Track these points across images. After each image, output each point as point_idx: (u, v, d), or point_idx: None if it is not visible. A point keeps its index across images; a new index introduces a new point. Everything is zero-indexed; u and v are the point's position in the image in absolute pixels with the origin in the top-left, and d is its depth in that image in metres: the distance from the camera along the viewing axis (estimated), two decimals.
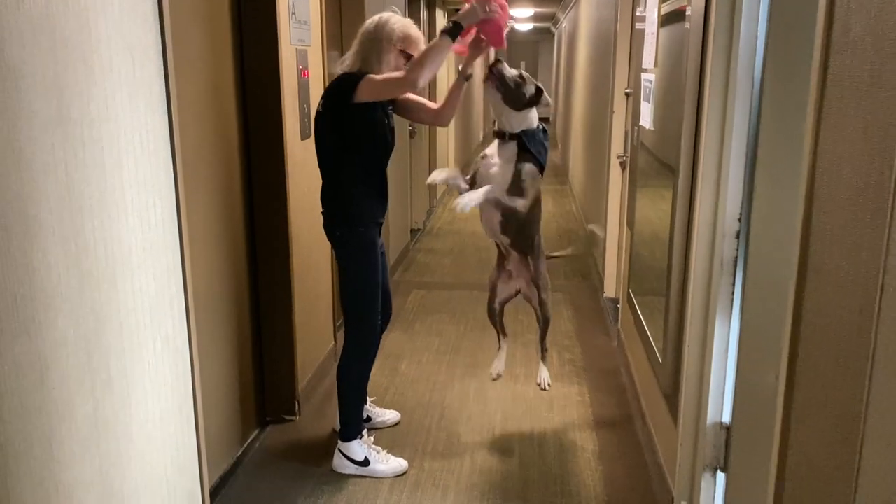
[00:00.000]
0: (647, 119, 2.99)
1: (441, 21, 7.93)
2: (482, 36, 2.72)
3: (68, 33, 1.49)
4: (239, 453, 2.93)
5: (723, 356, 2.19)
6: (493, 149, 2.86)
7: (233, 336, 2.86)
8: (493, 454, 3.00)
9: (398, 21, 2.69)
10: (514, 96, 2.76)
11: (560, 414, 3.35)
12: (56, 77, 1.45)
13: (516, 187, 2.76)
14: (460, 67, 2.89)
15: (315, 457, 2.98)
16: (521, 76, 2.77)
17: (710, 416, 2.22)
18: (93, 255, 1.57)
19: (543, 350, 3.22)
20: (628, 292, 3.54)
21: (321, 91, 3.51)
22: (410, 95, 2.86)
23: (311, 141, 3.36)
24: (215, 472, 2.70)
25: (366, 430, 2.98)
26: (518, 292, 3.17)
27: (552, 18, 15.32)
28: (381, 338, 2.96)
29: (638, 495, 2.72)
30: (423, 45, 2.72)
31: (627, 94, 4.22)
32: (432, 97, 7.09)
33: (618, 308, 4.20)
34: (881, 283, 1.04)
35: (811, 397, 1.33)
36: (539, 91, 2.79)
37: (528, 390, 3.58)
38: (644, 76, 3.09)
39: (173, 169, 1.91)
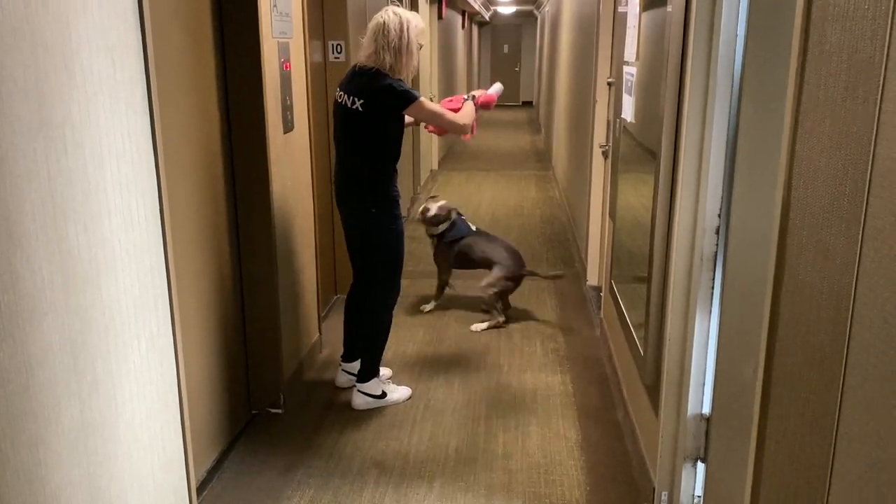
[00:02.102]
0: (628, 112, 3.01)
1: (423, 5, 7.92)
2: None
3: (48, 36, 1.48)
4: (225, 446, 2.95)
5: (703, 349, 2.23)
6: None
7: (218, 331, 2.86)
8: (477, 444, 3.04)
9: (414, 20, 3.09)
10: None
11: (543, 404, 3.39)
12: (37, 81, 1.44)
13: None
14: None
15: (301, 448, 3.00)
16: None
17: (691, 408, 2.27)
18: (77, 258, 1.57)
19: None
20: (610, 283, 3.58)
21: (303, 83, 3.51)
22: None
23: (293, 135, 3.36)
24: (202, 466, 2.71)
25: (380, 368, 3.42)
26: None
27: (535, 2, 15.28)
28: None
29: (620, 485, 2.77)
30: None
31: (610, 84, 4.23)
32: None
33: (600, 296, 4.23)
34: (854, 292, 1.06)
35: (787, 393, 1.37)
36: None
37: (513, 380, 3.62)
38: (626, 69, 3.10)
39: (156, 169, 1.90)
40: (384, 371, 3.53)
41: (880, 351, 0.99)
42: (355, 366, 3.43)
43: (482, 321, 4.36)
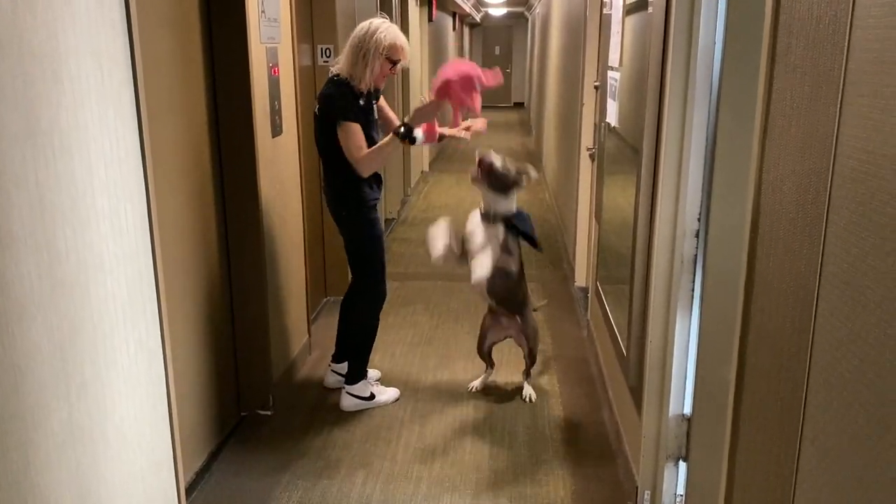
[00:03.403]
0: (612, 116, 3.05)
1: (413, 7, 7.93)
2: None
3: (36, 43, 1.50)
4: (214, 448, 2.97)
5: (683, 351, 2.26)
6: (475, 226, 3.20)
7: (207, 333, 2.88)
8: (464, 445, 3.07)
9: (386, 30, 2.97)
10: (500, 184, 3.13)
11: (530, 404, 3.42)
12: (25, 88, 1.46)
13: (506, 252, 3.15)
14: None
15: (289, 450, 3.02)
16: (504, 166, 3.13)
17: (672, 409, 2.30)
18: (65, 263, 1.59)
19: (527, 376, 3.55)
20: (597, 284, 3.62)
21: (292, 88, 3.54)
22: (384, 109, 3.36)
23: (282, 138, 3.39)
24: (191, 467, 2.73)
25: (368, 370, 3.43)
26: (507, 337, 3.56)
27: (526, 3, 15.34)
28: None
29: (604, 484, 2.81)
30: (407, 52, 3.08)
31: (596, 87, 4.27)
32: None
33: (587, 297, 4.27)
34: (817, 292, 1.10)
35: (757, 393, 1.41)
36: (519, 174, 3.18)
37: (500, 381, 3.65)
38: (610, 73, 3.14)
39: (144, 174, 1.93)
40: (372, 373, 3.56)
41: (840, 352, 1.03)
42: (344, 367, 3.46)
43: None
